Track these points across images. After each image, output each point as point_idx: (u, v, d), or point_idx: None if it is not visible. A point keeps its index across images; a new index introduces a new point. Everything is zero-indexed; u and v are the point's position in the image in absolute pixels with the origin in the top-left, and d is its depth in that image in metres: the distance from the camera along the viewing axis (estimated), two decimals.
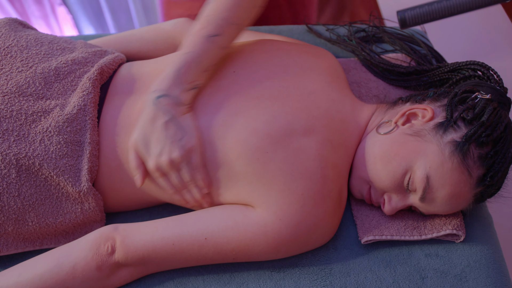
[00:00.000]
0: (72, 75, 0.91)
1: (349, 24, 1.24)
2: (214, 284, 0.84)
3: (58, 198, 0.84)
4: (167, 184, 0.84)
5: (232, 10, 0.86)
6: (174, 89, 0.82)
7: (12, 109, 0.84)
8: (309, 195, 0.80)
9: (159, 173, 0.82)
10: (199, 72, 0.84)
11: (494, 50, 1.53)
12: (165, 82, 0.83)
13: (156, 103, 0.81)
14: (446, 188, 0.81)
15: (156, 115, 0.81)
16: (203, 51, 0.84)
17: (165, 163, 0.81)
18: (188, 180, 0.83)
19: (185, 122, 0.82)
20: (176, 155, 0.80)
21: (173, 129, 0.81)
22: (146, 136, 0.81)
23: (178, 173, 0.82)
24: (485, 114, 0.81)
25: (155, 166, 0.81)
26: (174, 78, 0.83)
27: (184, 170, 0.82)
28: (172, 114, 0.81)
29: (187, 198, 0.85)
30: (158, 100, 0.81)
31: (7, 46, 0.92)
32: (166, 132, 0.81)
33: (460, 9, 0.96)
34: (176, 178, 0.83)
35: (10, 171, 0.81)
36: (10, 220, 0.82)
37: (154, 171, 0.82)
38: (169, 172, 0.82)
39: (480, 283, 0.83)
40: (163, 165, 0.81)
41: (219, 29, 0.85)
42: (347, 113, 0.91)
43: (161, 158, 0.81)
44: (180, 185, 0.84)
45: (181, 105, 0.83)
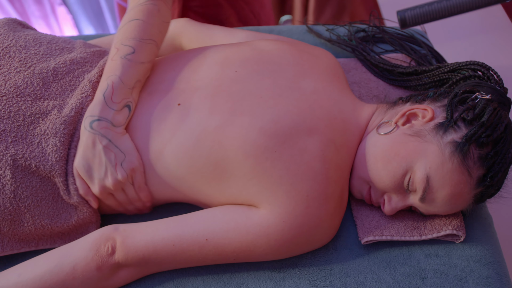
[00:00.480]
0: (71, 75, 0.91)
1: (349, 24, 1.24)
2: (214, 284, 0.84)
3: (54, 199, 0.84)
4: (113, 201, 0.87)
5: (141, 29, 0.90)
6: (106, 113, 0.84)
7: (10, 110, 0.84)
8: (313, 196, 0.80)
9: (105, 195, 0.85)
10: (125, 91, 0.86)
11: (494, 50, 1.53)
12: (96, 108, 0.84)
13: (93, 127, 0.83)
14: (446, 188, 0.81)
15: (94, 140, 0.83)
16: (123, 71, 0.87)
17: (111, 185, 0.83)
18: (132, 197, 0.87)
19: (124, 144, 0.84)
20: (120, 177, 0.83)
21: (113, 152, 0.83)
22: (88, 161, 0.83)
23: (121, 193, 0.86)
24: (485, 115, 0.81)
25: (101, 189, 0.84)
26: (103, 102, 0.84)
27: (128, 190, 0.86)
28: (110, 137, 0.83)
29: (130, 209, 0.90)
30: (92, 125, 0.83)
31: (6, 46, 0.92)
32: (106, 156, 0.83)
33: (460, 9, 0.96)
34: (121, 196, 0.87)
35: (5, 172, 0.81)
36: (5, 221, 0.82)
37: (100, 194, 0.85)
38: (115, 193, 0.86)
39: (480, 284, 0.83)
40: (108, 187, 0.84)
41: (131, 48, 0.88)
42: (349, 113, 0.91)
43: (106, 181, 0.83)
44: (126, 201, 0.88)
45: (116, 126, 0.85)
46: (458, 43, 1.61)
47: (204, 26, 1.10)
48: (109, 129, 0.84)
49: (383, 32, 1.19)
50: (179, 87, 0.90)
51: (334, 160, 0.84)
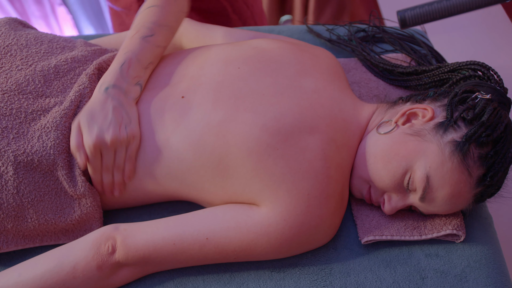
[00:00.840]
0: (72, 73, 0.92)
1: (349, 24, 1.24)
2: (214, 284, 0.84)
3: (57, 193, 0.84)
4: (96, 163, 0.84)
5: (160, 15, 0.94)
6: (121, 82, 0.87)
7: (12, 107, 0.85)
8: (314, 195, 0.80)
9: (95, 151, 0.83)
10: (140, 69, 0.90)
11: (494, 50, 1.53)
12: (112, 76, 0.87)
13: (106, 92, 0.86)
14: (446, 188, 0.81)
15: (106, 100, 0.85)
16: (141, 50, 0.90)
17: (109, 139, 0.82)
18: (119, 163, 0.85)
19: (132, 113, 0.86)
20: (121, 135, 0.83)
21: (122, 114, 0.85)
22: (93, 113, 0.84)
23: (110, 155, 0.84)
24: (485, 114, 0.81)
25: (97, 140, 0.82)
26: (119, 73, 0.88)
27: (120, 154, 0.84)
28: (121, 102, 0.86)
29: (106, 180, 0.86)
30: (108, 90, 0.86)
31: (7, 44, 0.92)
32: (114, 113, 0.84)
33: (460, 9, 0.96)
34: (108, 158, 0.84)
35: (7, 168, 0.81)
36: (9, 217, 0.82)
37: (93, 146, 0.82)
38: (106, 150, 0.83)
39: (480, 283, 0.83)
40: (105, 141, 0.82)
41: (151, 30, 0.92)
42: (349, 113, 0.91)
43: (106, 133, 0.82)
44: (109, 166, 0.85)
45: (129, 95, 0.87)
46: (458, 43, 1.61)
47: (204, 26, 1.11)
48: (122, 96, 0.86)
49: (383, 32, 1.19)
50: (184, 81, 0.90)
51: (335, 159, 0.84)
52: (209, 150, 0.82)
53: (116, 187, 0.87)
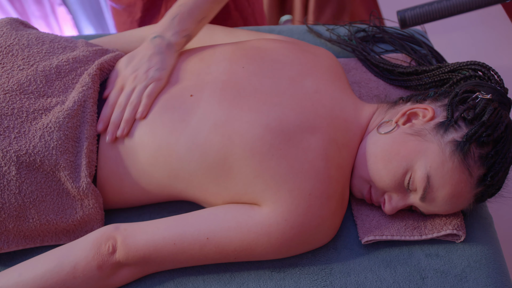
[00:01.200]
0: (73, 73, 0.92)
1: (349, 24, 1.24)
2: (214, 284, 0.84)
3: (59, 194, 0.84)
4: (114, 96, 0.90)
5: None
6: (166, 33, 0.94)
7: (14, 106, 0.84)
8: (316, 195, 0.80)
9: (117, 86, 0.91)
10: (192, 22, 0.95)
11: (494, 50, 1.53)
12: (161, 27, 0.95)
13: (153, 41, 0.93)
14: (447, 187, 0.81)
15: (148, 47, 0.93)
16: (194, 3, 0.95)
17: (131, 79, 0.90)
18: (134, 99, 0.88)
19: (169, 62, 0.92)
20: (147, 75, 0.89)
21: (156, 60, 0.91)
22: (133, 56, 0.93)
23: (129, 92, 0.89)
24: (486, 114, 0.81)
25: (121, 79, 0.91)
26: (168, 24, 0.94)
27: (137, 90, 0.89)
28: (162, 51, 0.92)
29: (113, 117, 0.88)
30: (154, 39, 0.93)
31: (9, 44, 0.92)
32: (150, 58, 0.91)
33: (460, 9, 0.96)
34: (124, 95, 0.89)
35: (10, 168, 0.81)
36: (11, 217, 0.82)
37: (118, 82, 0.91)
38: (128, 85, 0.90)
39: (481, 283, 0.83)
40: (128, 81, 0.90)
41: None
42: (350, 113, 0.91)
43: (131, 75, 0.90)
44: (122, 102, 0.89)
45: (172, 47, 0.93)
46: (458, 43, 1.61)
47: (205, 26, 1.10)
48: (164, 45, 0.93)
49: (383, 32, 1.19)
50: (191, 78, 0.91)
51: (336, 159, 0.84)
52: (215, 150, 0.82)
53: (122, 125, 0.87)
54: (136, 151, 0.86)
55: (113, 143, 0.87)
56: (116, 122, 0.87)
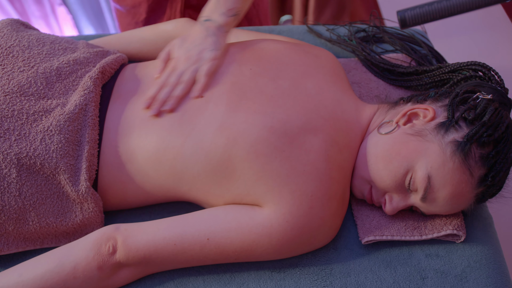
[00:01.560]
0: (74, 75, 0.91)
1: (349, 24, 1.24)
2: (214, 284, 0.84)
3: (59, 197, 0.84)
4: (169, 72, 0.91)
5: None
6: (214, 15, 0.95)
7: (14, 108, 0.84)
8: (317, 196, 0.81)
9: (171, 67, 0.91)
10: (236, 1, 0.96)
11: (494, 50, 1.53)
12: (208, 10, 0.96)
13: (203, 24, 0.95)
14: (447, 188, 0.81)
15: (199, 31, 0.94)
16: None
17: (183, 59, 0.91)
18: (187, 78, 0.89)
19: (222, 42, 0.94)
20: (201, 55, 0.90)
21: (210, 42, 0.93)
22: (185, 40, 0.94)
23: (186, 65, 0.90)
24: (487, 114, 0.81)
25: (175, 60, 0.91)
26: (214, 6, 0.96)
27: (190, 70, 0.90)
28: (214, 32, 0.93)
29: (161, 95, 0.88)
30: (205, 22, 0.95)
31: (9, 46, 0.92)
32: (203, 41, 0.93)
33: (460, 9, 0.96)
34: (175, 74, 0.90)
35: (10, 170, 0.81)
36: (10, 219, 0.82)
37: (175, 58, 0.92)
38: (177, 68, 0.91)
39: (481, 284, 0.83)
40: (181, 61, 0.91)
41: None
42: (352, 114, 0.91)
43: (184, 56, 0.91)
44: (172, 81, 0.89)
45: (221, 28, 0.95)
46: (458, 43, 1.61)
47: None
48: (215, 28, 0.94)
49: (383, 32, 1.19)
50: None
51: (337, 161, 0.84)
52: (220, 153, 0.82)
53: (171, 100, 0.87)
54: (138, 155, 0.86)
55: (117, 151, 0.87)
56: (163, 99, 0.87)
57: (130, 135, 0.87)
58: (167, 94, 0.88)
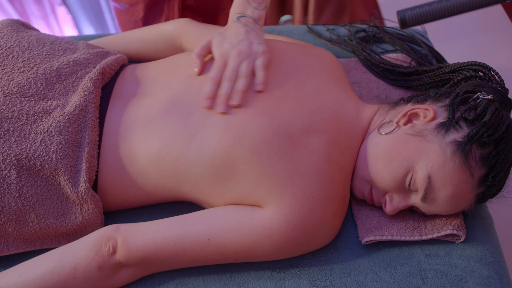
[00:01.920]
0: (74, 76, 0.91)
1: (349, 24, 1.24)
2: (214, 285, 0.84)
3: (59, 198, 0.84)
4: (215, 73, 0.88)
5: None
6: (247, 11, 0.95)
7: (14, 109, 0.84)
8: (319, 198, 0.81)
9: (220, 61, 0.89)
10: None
11: (494, 50, 1.53)
12: (240, 6, 0.95)
13: (238, 21, 0.94)
14: (448, 188, 0.81)
15: (238, 26, 0.93)
16: None
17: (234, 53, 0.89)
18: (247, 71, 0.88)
19: (262, 35, 0.94)
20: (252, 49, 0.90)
21: (254, 36, 0.92)
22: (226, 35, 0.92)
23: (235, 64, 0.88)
24: (487, 115, 0.81)
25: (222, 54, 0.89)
26: (245, 2, 0.95)
27: (247, 63, 0.89)
28: (253, 27, 0.93)
29: (223, 90, 0.86)
30: (240, 18, 0.94)
31: (9, 46, 0.92)
32: (246, 34, 0.92)
33: (460, 9, 0.96)
34: (231, 67, 0.88)
35: (10, 171, 0.81)
36: (10, 220, 0.82)
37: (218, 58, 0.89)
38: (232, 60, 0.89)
39: (481, 284, 0.83)
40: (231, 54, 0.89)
41: None
42: (353, 115, 0.91)
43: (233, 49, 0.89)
44: (230, 74, 0.88)
45: (258, 22, 0.95)
46: (458, 43, 1.61)
47: (205, 26, 1.10)
48: (253, 22, 0.94)
49: (383, 32, 1.19)
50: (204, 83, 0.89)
51: (338, 162, 0.84)
52: (224, 153, 0.82)
53: (237, 95, 0.86)
54: (139, 157, 0.86)
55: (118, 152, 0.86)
56: (227, 94, 0.86)
57: (131, 136, 0.86)
58: (229, 88, 0.87)
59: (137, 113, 0.88)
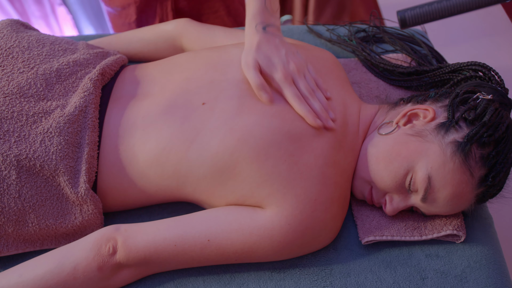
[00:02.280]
0: (74, 77, 0.91)
1: (349, 24, 1.24)
2: (214, 285, 0.84)
3: (58, 199, 0.84)
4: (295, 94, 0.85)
5: None
6: (271, 19, 0.92)
7: (13, 110, 0.84)
8: (321, 200, 0.81)
9: (288, 82, 0.86)
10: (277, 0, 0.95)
11: (494, 50, 1.53)
12: (262, 15, 0.91)
13: (266, 31, 0.89)
14: (448, 188, 0.81)
15: (269, 38, 0.89)
16: None
17: (294, 69, 0.86)
18: (313, 85, 0.88)
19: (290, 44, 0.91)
20: (301, 61, 0.88)
21: (287, 46, 0.89)
22: (266, 53, 0.87)
23: (304, 80, 0.87)
24: (487, 115, 0.81)
25: (285, 74, 0.86)
26: (265, 10, 0.92)
27: (309, 76, 0.88)
28: (281, 37, 0.91)
29: (316, 105, 0.86)
30: (266, 29, 0.90)
31: (9, 47, 0.92)
32: (283, 48, 0.89)
33: (460, 9, 0.96)
34: (303, 84, 0.87)
35: (10, 172, 0.81)
36: (10, 221, 0.82)
37: (284, 79, 0.85)
38: (297, 79, 0.87)
39: (481, 284, 0.83)
40: (292, 71, 0.86)
41: None
42: (355, 116, 0.91)
43: (289, 66, 0.87)
44: (308, 91, 0.86)
45: (279, 29, 0.93)
46: (458, 43, 1.61)
47: (205, 27, 1.10)
48: (278, 31, 0.91)
49: (383, 32, 1.19)
50: (203, 86, 0.89)
51: (341, 165, 0.84)
52: (228, 154, 0.82)
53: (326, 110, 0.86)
54: (139, 158, 0.86)
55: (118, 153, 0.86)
56: (322, 109, 0.86)
57: (130, 138, 0.86)
58: (319, 103, 0.86)
59: (136, 115, 0.88)
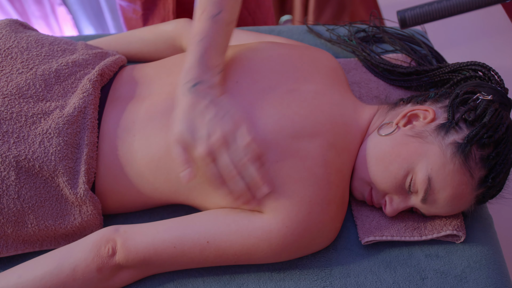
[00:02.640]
0: (73, 77, 0.91)
1: (349, 24, 1.23)
2: (214, 285, 0.84)
3: (58, 200, 0.84)
4: (215, 174, 0.78)
5: None
6: (204, 75, 0.81)
7: (12, 111, 0.84)
8: (316, 201, 0.80)
9: (210, 158, 0.77)
10: (219, 55, 0.84)
11: (494, 50, 1.53)
12: (194, 71, 0.81)
13: (193, 91, 0.80)
14: (448, 189, 0.81)
15: (195, 102, 0.79)
16: (214, 33, 0.83)
17: (218, 141, 0.76)
18: (240, 155, 0.77)
19: (224, 102, 0.81)
20: (230, 126, 0.77)
21: (215, 109, 0.79)
22: (190, 123, 0.78)
23: (226, 155, 0.77)
24: (487, 115, 0.81)
25: (207, 150, 0.76)
26: (200, 65, 0.82)
27: (234, 147, 0.77)
28: (211, 97, 0.80)
29: (238, 186, 0.78)
30: (195, 88, 0.80)
31: (8, 47, 0.92)
32: (209, 113, 0.78)
33: (460, 9, 0.96)
34: (225, 162, 0.77)
35: (9, 173, 0.81)
36: (9, 222, 0.82)
37: (205, 156, 0.77)
38: (220, 153, 0.77)
39: (480, 284, 0.83)
40: (214, 145, 0.76)
41: (218, 5, 0.84)
42: (350, 116, 0.90)
43: (212, 138, 0.77)
44: (229, 168, 0.77)
45: (215, 88, 0.82)
46: (458, 43, 1.61)
47: None
48: (210, 90, 0.81)
49: (383, 32, 1.19)
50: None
51: (335, 164, 0.83)
52: None
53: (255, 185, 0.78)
54: (137, 159, 0.86)
55: (116, 154, 0.85)
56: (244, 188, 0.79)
57: (130, 138, 0.86)
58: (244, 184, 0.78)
59: (133, 116, 0.88)
